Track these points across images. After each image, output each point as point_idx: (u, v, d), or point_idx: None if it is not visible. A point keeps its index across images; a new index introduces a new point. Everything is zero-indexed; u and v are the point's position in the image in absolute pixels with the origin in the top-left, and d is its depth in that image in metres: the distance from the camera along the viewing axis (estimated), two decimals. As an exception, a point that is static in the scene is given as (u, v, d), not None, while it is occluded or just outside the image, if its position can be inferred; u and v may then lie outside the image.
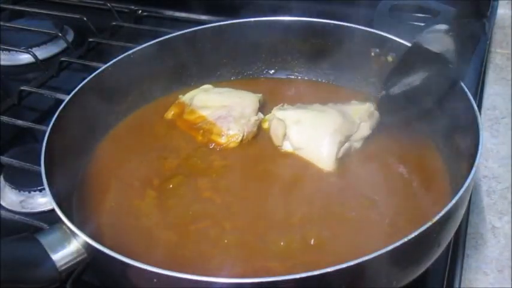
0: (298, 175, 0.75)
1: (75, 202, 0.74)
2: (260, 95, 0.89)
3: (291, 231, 0.67)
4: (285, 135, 0.80)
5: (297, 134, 0.78)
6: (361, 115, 0.78)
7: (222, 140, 0.81)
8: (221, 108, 0.85)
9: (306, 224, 0.68)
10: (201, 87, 0.91)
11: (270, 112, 0.85)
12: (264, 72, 0.99)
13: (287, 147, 0.79)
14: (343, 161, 0.77)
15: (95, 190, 0.76)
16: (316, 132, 0.77)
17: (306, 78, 0.98)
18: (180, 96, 0.91)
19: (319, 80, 0.97)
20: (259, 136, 0.84)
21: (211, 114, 0.85)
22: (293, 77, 0.98)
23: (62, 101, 0.79)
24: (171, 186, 0.75)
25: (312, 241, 0.65)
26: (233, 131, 0.82)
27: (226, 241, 0.67)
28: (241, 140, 0.81)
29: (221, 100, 0.86)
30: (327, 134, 0.76)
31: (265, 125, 0.84)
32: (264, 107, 0.88)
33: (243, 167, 0.78)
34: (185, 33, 0.93)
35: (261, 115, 0.86)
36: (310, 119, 0.78)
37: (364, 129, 0.78)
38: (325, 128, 0.76)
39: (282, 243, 0.65)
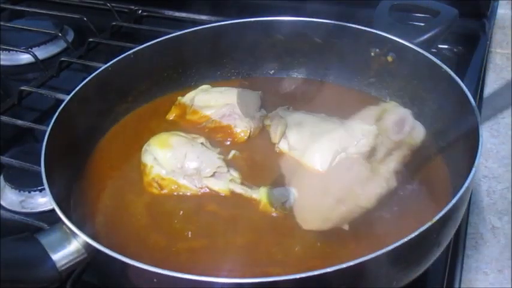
0: (298, 179, 0.75)
1: (73, 202, 0.74)
2: (259, 92, 0.89)
3: (294, 237, 0.67)
4: (283, 134, 0.80)
5: (296, 135, 0.78)
6: (364, 132, 0.78)
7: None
8: (224, 107, 0.85)
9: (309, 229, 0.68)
10: (199, 88, 0.91)
11: (271, 112, 0.85)
12: (264, 72, 0.99)
13: (283, 146, 0.80)
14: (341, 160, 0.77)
15: (94, 190, 0.76)
16: (315, 138, 0.77)
17: (305, 78, 0.98)
18: (180, 97, 0.91)
19: (319, 79, 0.97)
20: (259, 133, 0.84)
21: (215, 113, 0.85)
22: (293, 76, 0.98)
23: (62, 101, 0.79)
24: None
25: (318, 244, 0.65)
26: (240, 128, 0.82)
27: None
28: (249, 136, 0.82)
29: (223, 99, 0.87)
30: (324, 141, 0.76)
31: (267, 122, 0.85)
32: (264, 107, 0.88)
33: (242, 167, 0.79)
34: (185, 33, 0.93)
35: (264, 111, 0.87)
36: (312, 124, 0.79)
37: (364, 145, 0.77)
38: (325, 135, 0.77)
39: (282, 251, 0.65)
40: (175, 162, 0.75)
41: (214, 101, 0.87)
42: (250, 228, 0.69)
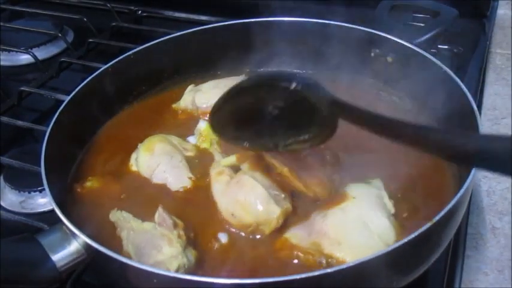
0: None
1: (73, 202, 0.74)
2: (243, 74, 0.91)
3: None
4: None
5: None
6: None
7: None
8: None
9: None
10: (187, 90, 0.90)
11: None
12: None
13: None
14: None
15: (94, 190, 0.76)
16: None
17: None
18: (174, 105, 0.90)
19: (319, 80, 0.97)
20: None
21: None
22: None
23: (62, 101, 0.79)
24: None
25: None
26: None
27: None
28: None
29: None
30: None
31: None
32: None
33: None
34: (185, 33, 0.93)
35: None
36: None
37: None
38: None
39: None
40: (148, 169, 0.76)
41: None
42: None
